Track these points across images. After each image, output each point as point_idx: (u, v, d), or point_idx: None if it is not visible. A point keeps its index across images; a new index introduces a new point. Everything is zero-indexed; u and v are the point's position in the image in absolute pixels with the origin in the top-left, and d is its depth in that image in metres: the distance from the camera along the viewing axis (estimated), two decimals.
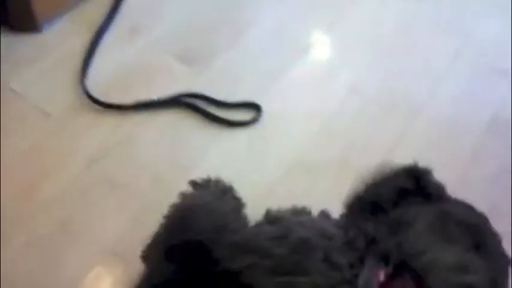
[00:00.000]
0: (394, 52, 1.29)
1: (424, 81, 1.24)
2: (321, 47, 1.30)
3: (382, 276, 0.61)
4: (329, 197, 0.79)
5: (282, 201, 0.76)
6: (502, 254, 0.66)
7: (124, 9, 1.26)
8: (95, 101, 1.07)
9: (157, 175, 0.98)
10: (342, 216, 0.75)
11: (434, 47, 1.32)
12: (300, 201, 0.77)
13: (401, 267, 0.61)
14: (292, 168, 1.02)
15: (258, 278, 0.63)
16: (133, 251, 0.78)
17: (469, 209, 0.71)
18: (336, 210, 0.77)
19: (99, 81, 1.12)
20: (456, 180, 1.04)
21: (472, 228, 0.65)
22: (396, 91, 1.21)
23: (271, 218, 0.72)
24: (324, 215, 0.75)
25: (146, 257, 0.79)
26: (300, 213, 0.75)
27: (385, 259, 0.63)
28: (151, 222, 0.78)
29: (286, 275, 0.63)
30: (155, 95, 1.10)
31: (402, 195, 0.72)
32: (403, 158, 1.06)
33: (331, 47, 1.32)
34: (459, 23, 1.35)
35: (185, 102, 1.09)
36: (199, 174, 0.86)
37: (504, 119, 1.18)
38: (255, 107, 1.10)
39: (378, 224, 0.69)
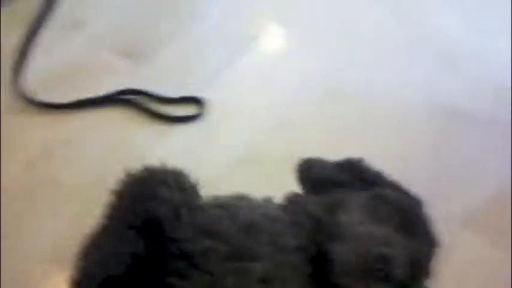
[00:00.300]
0: (343, 42, 1.30)
1: (373, 70, 1.26)
2: (269, 37, 1.29)
3: None
4: (277, 190, 0.79)
5: None
6: (430, 237, 0.69)
7: (62, 4, 1.22)
8: (30, 101, 1.03)
9: (100, 175, 0.95)
10: (284, 199, 0.75)
11: (383, 36, 1.34)
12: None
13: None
14: (240, 162, 1.02)
15: (214, 264, 0.62)
16: (74, 253, 0.76)
17: (403, 193, 0.73)
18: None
19: (37, 79, 1.08)
20: (400, 165, 1.07)
21: (402, 210, 0.68)
22: (345, 81, 1.21)
23: (215, 203, 0.71)
24: (267, 199, 0.75)
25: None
26: (242, 198, 0.75)
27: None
28: (94, 224, 0.76)
29: (240, 261, 0.62)
30: (97, 92, 1.06)
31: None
32: (352, 148, 1.08)
33: (279, 37, 1.32)
34: (408, 12, 1.37)
35: (127, 99, 1.07)
36: None
37: (442, 103, 1.21)
38: (198, 102, 1.08)
39: (319, 204, 0.72)
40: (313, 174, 0.81)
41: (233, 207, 0.69)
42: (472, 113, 1.21)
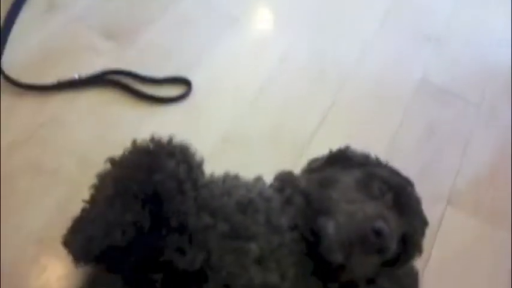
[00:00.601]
0: (324, 20, 1.29)
1: (354, 47, 1.26)
2: (251, 17, 1.28)
3: None
4: (263, 168, 0.79)
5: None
6: (420, 215, 0.70)
7: None
8: (13, 82, 1.00)
9: (84, 158, 0.94)
10: (275, 179, 0.75)
11: (363, 13, 1.34)
12: None
13: None
14: (225, 141, 1.01)
15: (212, 241, 0.62)
16: (58, 237, 0.75)
17: (393, 172, 0.74)
18: (270, 180, 0.78)
19: (18, 61, 1.05)
20: (387, 144, 1.07)
21: (394, 188, 0.68)
22: (327, 59, 1.21)
23: (206, 181, 0.70)
24: (258, 179, 0.75)
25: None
26: (234, 178, 0.74)
27: None
28: (79, 208, 0.75)
29: (237, 240, 0.63)
30: (79, 73, 1.04)
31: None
32: (335, 124, 1.08)
33: (263, 17, 1.31)
34: None
35: (111, 80, 1.05)
36: None
37: (430, 82, 1.22)
38: (184, 82, 1.07)
39: (310, 181, 0.73)
40: (308, 166, 0.82)
41: (231, 186, 0.69)
42: (460, 92, 1.22)
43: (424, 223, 0.70)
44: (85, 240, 0.64)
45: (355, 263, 0.63)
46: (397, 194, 0.68)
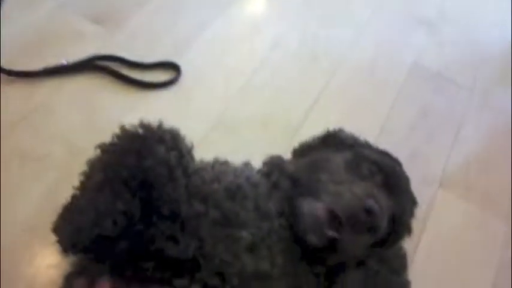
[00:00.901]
0: (316, 4, 1.28)
1: (346, 31, 1.25)
2: (242, 2, 1.26)
3: None
4: (255, 153, 0.78)
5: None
6: (409, 195, 0.70)
7: None
8: (1, 69, 0.99)
9: (73, 144, 0.93)
10: (264, 164, 0.75)
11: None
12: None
13: None
14: (216, 126, 1.00)
15: (204, 229, 0.61)
16: (48, 224, 0.74)
17: (382, 153, 0.74)
18: (260, 166, 0.77)
19: (4, 48, 1.03)
20: (379, 128, 1.07)
21: (384, 169, 0.68)
22: (319, 43, 1.20)
23: (201, 167, 0.69)
24: (246, 164, 0.75)
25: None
26: (224, 163, 0.74)
27: None
28: (69, 195, 0.74)
29: (228, 227, 0.62)
30: (67, 59, 1.03)
31: None
32: (327, 108, 1.08)
33: (253, 1, 1.29)
34: None
35: (99, 66, 1.03)
36: None
37: (422, 66, 1.21)
38: (173, 67, 1.06)
39: (298, 165, 0.72)
40: (299, 148, 0.82)
41: (219, 172, 0.68)
42: (453, 76, 1.21)
43: (413, 203, 0.70)
44: (74, 231, 0.62)
45: (345, 243, 0.62)
46: (386, 175, 0.68)
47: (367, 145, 0.76)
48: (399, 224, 0.67)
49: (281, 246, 0.64)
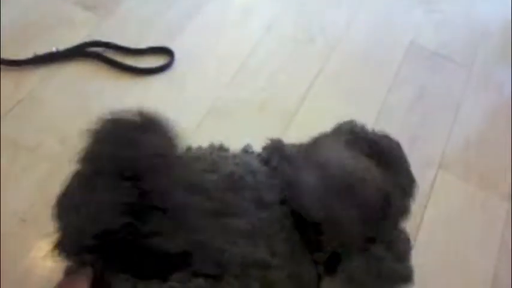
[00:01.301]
0: None
1: (340, 12, 1.23)
2: None
3: None
4: (251, 138, 0.77)
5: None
6: (409, 176, 0.69)
7: None
8: None
9: (65, 134, 0.91)
10: (263, 149, 0.73)
11: None
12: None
13: None
14: (210, 112, 0.99)
15: (201, 220, 0.59)
16: (42, 216, 0.73)
17: (382, 135, 0.73)
18: (257, 150, 0.75)
19: None
20: (377, 109, 1.06)
21: (382, 149, 0.67)
22: (313, 25, 1.18)
23: (195, 156, 0.68)
24: (246, 149, 0.73)
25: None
26: (220, 149, 0.72)
27: None
28: (61, 186, 0.72)
29: (225, 217, 0.60)
30: (57, 46, 1.01)
31: None
32: (323, 92, 1.06)
33: None
34: None
35: (90, 52, 1.01)
36: None
37: (420, 45, 1.19)
38: (166, 52, 1.04)
39: (298, 148, 0.71)
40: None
41: (217, 160, 0.66)
42: (451, 55, 1.20)
43: (411, 182, 0.69)
44: (76, 232, 0.58)
45: (342, 216, 0.61)
46: (385, 155, 0.67)
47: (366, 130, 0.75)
48: (394, 202, 0.66)
49: (282, 235, 0.62)
